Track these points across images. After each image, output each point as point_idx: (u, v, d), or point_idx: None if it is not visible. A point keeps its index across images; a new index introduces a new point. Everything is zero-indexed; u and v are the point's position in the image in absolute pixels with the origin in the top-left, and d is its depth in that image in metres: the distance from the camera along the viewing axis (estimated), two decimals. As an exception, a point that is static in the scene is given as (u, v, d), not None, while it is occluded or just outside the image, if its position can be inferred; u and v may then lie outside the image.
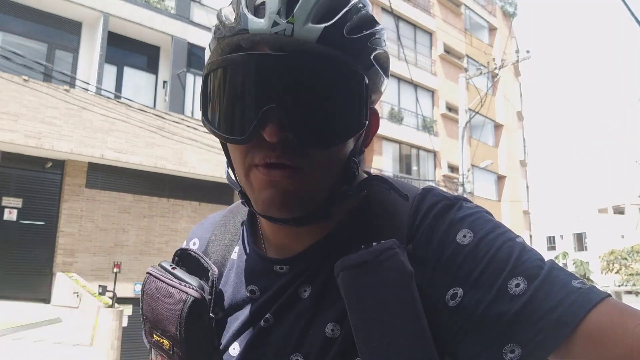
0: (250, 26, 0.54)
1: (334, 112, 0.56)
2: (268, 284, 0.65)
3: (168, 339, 0.64)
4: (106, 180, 9.88)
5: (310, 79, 0.54)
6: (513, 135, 22.65)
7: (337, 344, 0.58)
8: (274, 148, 0.55)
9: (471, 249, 0.55)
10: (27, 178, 9.18)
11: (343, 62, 0.55)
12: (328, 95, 0.56)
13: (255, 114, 0.54)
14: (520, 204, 22.33)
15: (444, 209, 0.60)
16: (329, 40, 0.54)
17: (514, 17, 23.71)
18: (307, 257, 0.64)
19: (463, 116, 13.50)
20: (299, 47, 0.53)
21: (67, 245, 9.26)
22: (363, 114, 0.58)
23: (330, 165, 0.59)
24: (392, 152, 16.70)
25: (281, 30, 0.53)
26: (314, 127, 0.55)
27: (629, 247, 32.18)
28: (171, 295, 0.63)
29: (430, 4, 19.00)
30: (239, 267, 0.69)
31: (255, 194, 0.58)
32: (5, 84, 8.38)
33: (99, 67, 9.83)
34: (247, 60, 0.55)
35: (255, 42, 0.54)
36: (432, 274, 0.56)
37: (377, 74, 0.61)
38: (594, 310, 0.48)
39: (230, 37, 0.56)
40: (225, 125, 0.57)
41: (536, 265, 0.52)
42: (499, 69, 14.01)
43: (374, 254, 0.55)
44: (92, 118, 9.21)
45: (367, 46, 0.58)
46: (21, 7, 9.58)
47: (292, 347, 0.60)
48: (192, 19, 11.42)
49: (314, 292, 0.62)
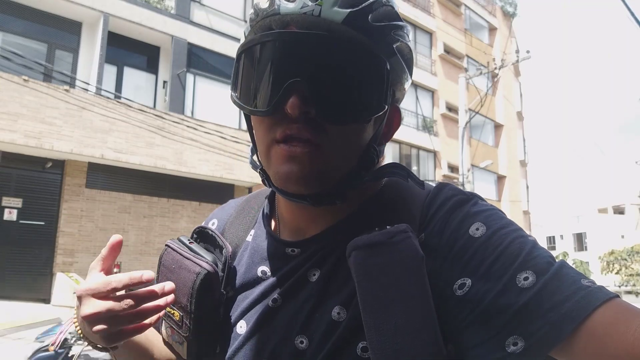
0: (281, 9, 0.58)
1: (354, 90, 0.58)
2: (279, 266, 0.66)
3: (179, 310, 0.66)
4: (106, 180, 9.88)
5: (333, 57, 0.57)
6: (513, 135, 22.65)
7: (342, 327, 0.59)
8: (296, 121, 0.57)
9: (483, 241, 0.55)
10: (27, 178, 9.17)
11: (365, 44, 0.58)
12: (350, 74, 0.58)
13: (280, 87, 0.56)
14: (520, 204, 22.33)
15: (459, 202, 0.61)
16: (354, 24, 0.57)
17: (514, 17, 23.71)
18: (318, 240, 0.65)
19: (463, 116, 13.50)
20: (324, 26, 0.56)
21: (67, 245, 9.26)
22: (383, 97, 0.60)
23: (350, 146, 0.61)
24: (392, 152, 16.70)
25: (309, 11, 0.56)
26: (334, 103, 0.57)
27: (629, 248, 32.16)
28: (185, 267, 0.66)
29: (430, 4, 18.99)
30: (252, 248, 0.71)
31: (274, 168, 0.60)
32: (5, 84, 8.37)
33: (99, 67, 9.83)
34: (275, 37, 0.58)
35: (286, 23, 0.58)
36: (442, 264, 0.56)
37: (399, 65, 0.64)
38: (600, 308, 0.48)
39: (262, 19, 0.60)
40: (251, 99, 0.60)
41: (546, 262, 0.53)
42: (499, 69, 14.01)
43: (387, 235, 0.56)
44: (92, 118, 9.21)
45: (389, 35, 0.61)
46: (21, 7, 9.58)
47: (297, 329, 0.61)
48: (192, 19, 11.42)
49: (322, 275, 0.63)
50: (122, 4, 10.33)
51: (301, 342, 0.61)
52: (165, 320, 0.71)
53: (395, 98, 0.66)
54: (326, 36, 0.57)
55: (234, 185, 11.27)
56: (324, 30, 0.57)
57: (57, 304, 8.62)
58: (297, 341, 0.61)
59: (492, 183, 21.19)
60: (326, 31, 0.57)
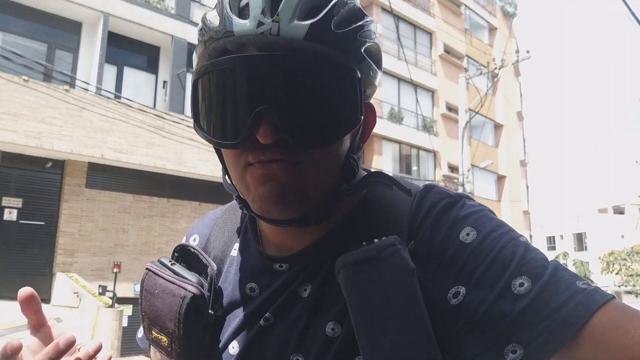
0: (235, 28, 0.53)
1: (327, 109, 0.54)
2: (267, 282, 0.64)
3: (166, 335, 0.64)
4: (106, 180, 9.88)
5: (301, 76, 0.53)
6: (513, 135, 22.65)
7: (337, 343, 0.57)
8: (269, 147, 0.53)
9: (474, 247, 0.54)
10: (27, 178, 9.18)
11: (333, 57, 0.54)
12: (320, 92, 0.54)
13: (248, 116, 0.52)
14: (520, 204, 22.32)
15: (447, 206, 0.58)
16: (317, 37, 0.52)
17: (514, 17, 23.71)
18: (306, 255, 0.62)
19: (463, 116, 13.51)
20: (286, 45, 0.52)
21: (67, 245, 9.26)
22: (358, 108, 0.56)
23: (329, 163, 0.57)
24: (392, 152, 16.70)
25: (267, 30, 0.52)
26: (308, 126, 0.53)
27: (629, 248, 32.16)
28: (170, 292, 0.63)
29: (430, 4, 19.00)
30: (238, 264, 0.68)
31: (252, 192, 0.57)
32: (5, 84, 8.38)
33: (99, 67, 9.84)
34: (234, 62, 0.53)
35: (242, 44, 0.53)
36: (434, 272, 0.55)
37: (370, 67, 0.59)
38: (598, 312, 0.47)
39: (216, 40, 0.55)
40: (217, 130, 0.56)
41: (540, 265, 0.51)
42: (499, 69, 14.02)
43: (376, 251, 0.54)
44: (92, 118, 9.21)
45: (356, 39, 0.56)
46: (21, 7, 9.58)
47: (292, 347, 0.59)
48: (192, 19, 11.42)
49: (314, 291, 0.61)
50: (122, 4, 10.33)
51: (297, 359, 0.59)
52: (154, 345, 0.68)
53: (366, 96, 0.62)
54: (289, 56, 0.52)
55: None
56: (286, 50, 0.52)
57: (57, 304, 8.62)
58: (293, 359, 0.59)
59: (492, 183, 21.19)
60: (288, 51, 0.52)
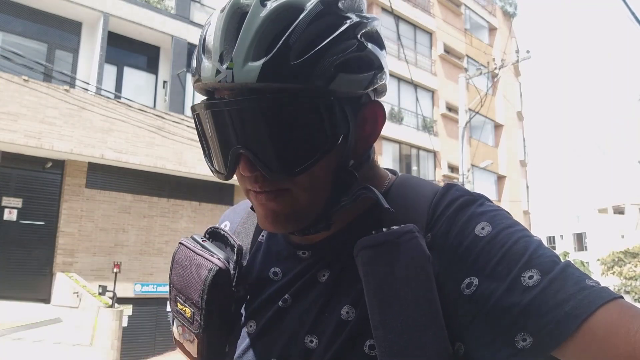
0: (202, 74, 0.57)
1: (292, 140, 0.56)
2: (290, 267, 0.68)
3: (190, 306, 0.68)
4: (106, 180, 9.89)
5: (259, 117, 0.55)
6: (513, 135, 22.65)
7: (350, 325, 0.60)
8: (255, 179, 0.59)
9: (488, 240, 0.56)
10: (27, 178, 9.18)
11: (289, 91, 0.54)
12: (282, 126, 0.56)
13: (226, 155, 0.58)
14: (520, 204, 22.32)
15: (466, 203, 0.61)
16: (270, 76, 0.53)
17: (514, 17, 23.71)
18: (329, 244, 0.66)
19: (463, 116, 13.50)
20: (241, 90, 0.55)
21: (67, 245, 9.26)
22: (328, 133, 0.57)
23: (315, 184, 0.59)
24: (392, 152, 16.70)
25: (223, 78, 0.54)
26: (279, 159, 0.57)
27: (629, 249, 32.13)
28: (198, 264, 0.67)
29: (430, 4, 19.00)
30: (265, 249, 0.73)
31: (256, 212, 0.64)
32: (5, 84, 8.38)
33: (99, 67, 9.84)
34: (205, 107, 0.58)
35: (210, 89, 0.59)
36: (449, 263, 0.57)
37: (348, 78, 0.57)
38: (603, 307, 0.48)
39: (195, 82, 0.61)
40: (212, 162, 0.63)
41: (551, 261, 0.53)
42: (499, 69, 14.02)
43: (394, 235, 0.57)
44: (92, 118, 9.21)
45: (323, 60, 0.54)
46: (21, 7, 9.58)
47: (307, 328, 0.63)
48: (192, 19, 11.43)
49: (332, 276, 0.64)
50: (122, 4, 10.33)
51: (311, 341, 0.62)
52: (177, 317, 0.71)
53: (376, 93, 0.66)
54: (244, 101, 0.54)
55: (234, 185, 11.26)
56: (241, 96, 0.55)
57: (57, 304, 8.62)
58: (307, 340, 0.63)
59: (492, 183, 21.19)
60: (243, 95, 0.55)
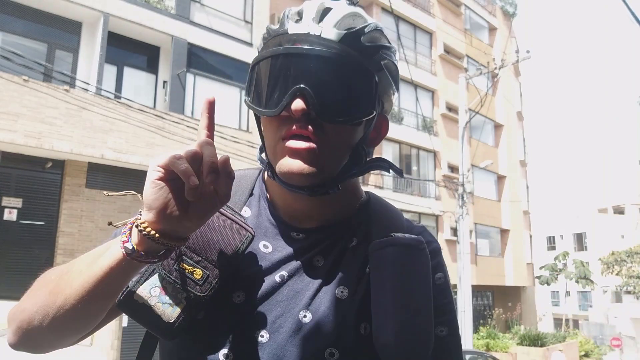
0: (289, 29, 0.71)
1: (347, 96, 0.70)
2: (282, 245, 0.75)
3: (205, 268, 0.68)
4: (106, 180, 9.88)
5: (330, 68, 0.68)
6: (513, 135, 22.65)
7: (344, 303, 0.71)
8: (299, 121, 0.67)
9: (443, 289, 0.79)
10: (27, 178, 9.18)
11: (356, 58, 0.69)
12: (343, 82, 0.69)
13: (287, 91, 0.67)
14: (520, 204, 22.32)
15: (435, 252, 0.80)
16: (348, 43, 0.69)
17: (514, 17, 23.71)
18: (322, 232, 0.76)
19: (463, 116, 13.50)
20: (323, 43, 0.68)
21: (67, 245, 9.26)
22: (371, 104, 0.71)
23: (343, 145, 0.72)
24: (392, 152, 16.70)
25: (313, 31, 0.69)
26: (331, 105, 0.68)
27: (629, 249, 32.11)
28: (233, 228, 0.71)
29: (430, 4, 19.00)
30: (254, 223, 0.76)
31: (280, 161, 0.70)
32: (5, 84, 8.38)
33: (99, 67, 9.83)
34: (284, 52, 0.69)
35: (293, 40, 0.69)
36: None
37: (387, 79, 0.75)
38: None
39: (273, 37, 0.72)
40: (263, 102, 0.71)
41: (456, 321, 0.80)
42: (499, 69, 14.01)
43: (419, 242, 0.73)
44: (92, 118, 9.21)
45: (378, 54, 0.73)
46: (21, 7, 9.58)
47: (302, 305, 0.71)
48: (192, 19, 11.42)
49: (327, 263, 0.74)
50: (122, 4, 10.33)
51: (304, 316, 0.70)
52: (168, 277, 0.67)
53: (384, 109, 0.78)
54: (324, 52, 0.68)
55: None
56: (323, 47, 0.68)
57: (57, 304, 8.63)
58: (300, 315, 0.70)
59: (492, 183, 21.19)
60: (325, 47, 0.68)
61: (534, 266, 24.67)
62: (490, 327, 17.15)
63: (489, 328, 16.76)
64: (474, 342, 14.37)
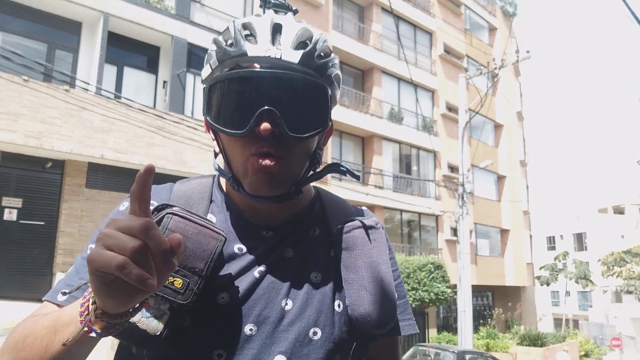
0: (248, 51, 0.74)
1: (309, 112, 0.77)
2: (255, 245, 0.80)
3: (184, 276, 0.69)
4: (106, 180, 9.88)
5: (294, 89, 0.74)
6: (513, 135, 22.65)
7: (319, 286, 0.80)
8: (265, 140, 0.73)
9: None
10: (27, 178, 9.17)
11: (315, 78, 0.76)
12: (305, 100, 0.76)
13: (254, 113, 0.71)
14: (520, 204, 22.31)
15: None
16: (306, 63, 0.75)
17: (514, 17, 23.70)
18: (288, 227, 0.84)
19: (463, 116, 13.50)
20: (286, 67, 0.73)
21: (67, 245, 9.26)
22: (328, 116, 0.79)
23: (304, 154, 0.79)
24: (392, 152, 16.69)
25: (273, 54, 0.74)
26: (296, 122, 0.74)
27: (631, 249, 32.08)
28: (207, 234, 0.72)
29: (430, 4, 18.99)
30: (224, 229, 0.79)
31: (250, 177, 0.75)
32: (5, 84, 8.37)
33: (99, 67, 9.83)
34: (247, 74, 0.73)
35: (252, 62, 0.73)
36: None
37: (335, 89, 0.83)
38: None
39: (231, 58, 0.75)
40: (229, 123, 0.74)
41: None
42: (499, 69, 14.01)
43: (376, 222, 0.86)
44: (92, 118, 9.21)
45: (329, 68, 0.80)
46: (21, 7, 9.58)
47: (282, 294, 0.77)
48: (192, 19, 11.42)
49: (296, 253, 0.82)
50: (122, 4, 10.32)
51: (286, 304, 0.77)
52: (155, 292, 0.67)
53: None
54: (287, 74, 0.73)
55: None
56: (287, 70, 0.73)
57: (57, 304, 8.62)
58: (283, 304, 0.76)
59: (492, 183, 21.18)
60: (288, 70, 0.73)
61: (534, 266, 24.66)
62: (490, 327, 17.15)
63: (489, 328, 16.76)
64: (474, 342, 14.37)
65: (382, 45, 16.76)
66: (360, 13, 17.11)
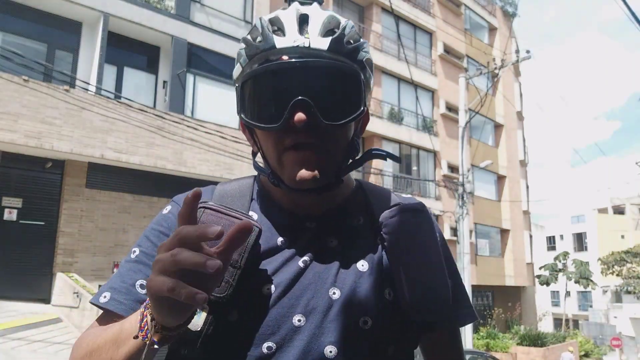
0: (276, 43, 0.73)
1: (343, 99, 0.75)
2: (297, 236, 0.79)
3: None
4: (106, 180, 9.88)
5: (325, 77, 0.73)
6: (513, 135, 22.65)
7: (367, 275, 0.77)
8: (301, 131, 0.71)
9: None
10: (27, 178, 9.18)
11: (346, 64, 0.75)
12: (338, 87, 0.75)
13: (287, 105, 0.71)
14: (520, 204, 22.31)
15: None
16: (335, 49, 0.74)
17: (514, 17, 23.70)
18: (330, 217, 0.83)
19: (463, 116, 13.50)
20: (316, 54, 0.73)
21: (67, 245, 9.26)
22: (362, 101, 0.77)
23: (341, 142, 0.78)
24: (392, 152, 16.68)
25: (301, 44, 0.73)
26: (330, 109, 0.73)
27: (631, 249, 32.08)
28: None
29: (430, 4, 18.99)
30: (266, 223, 0.81)
31: (288, 171, 0.75)
32: (5, 84, 8.37)
33: (99, 67, 9.83)
34: (277, 67, 0.72)
35: (281, 54, 0.73)
36: None
37: (368, 74, 0.81)
38: None
39: (260, 53, 0.74)
40: (263, 118, 0.74)
41: None
42: (499, 69, 14.01)
43: (422, 205, 0.83)
44: (92, 118, 9.21)
45: (359, 53, 0.78)
46: (21, 7, 9.58)
47: (329, 283, 0.75)
48: (192, 19, 11.42)
49: (340, 242, 0.80)
50: (122, 4, 10.33)
51: (333, 293, 0.75)
52: None
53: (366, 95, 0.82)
54: (317, 62, 0.72)
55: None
56: (316, 58, 0.72)
57: (57, 304, 8.62)
58: (330, 292, 0.75)
59: (492, 183, 21.18)
60: (318, 58, 0.72)
61: (534, 266, 24.66)
62: (490, 327, 17.14)
63: (489, 328, 16.75)
64: (474, 342, 14.36)
65: (382, 45, 16.76)
66: (360, 13, 17.12)
